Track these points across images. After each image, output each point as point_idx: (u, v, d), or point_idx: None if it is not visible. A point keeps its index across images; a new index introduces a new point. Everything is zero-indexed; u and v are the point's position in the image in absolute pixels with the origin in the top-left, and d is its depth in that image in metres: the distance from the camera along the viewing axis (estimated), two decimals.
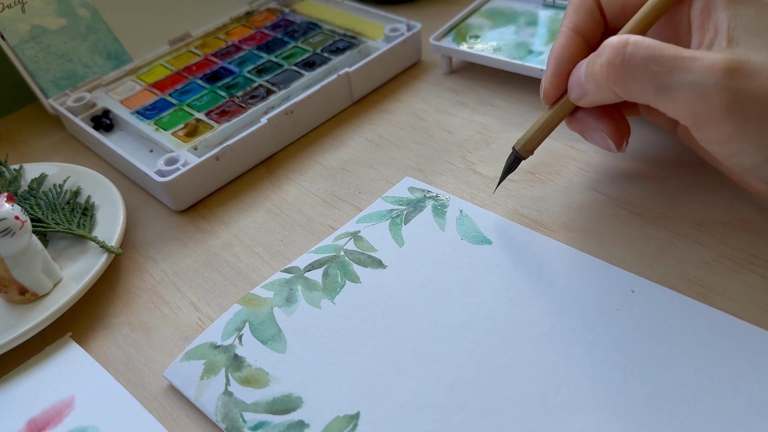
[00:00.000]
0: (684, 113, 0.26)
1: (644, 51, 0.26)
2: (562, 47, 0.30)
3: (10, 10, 0.45)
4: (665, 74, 0.25)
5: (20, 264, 0.32)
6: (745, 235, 0.32)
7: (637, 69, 0.26)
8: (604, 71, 0.27)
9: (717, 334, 0.27)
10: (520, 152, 0.32)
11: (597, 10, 0.31)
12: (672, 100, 0.26)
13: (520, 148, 0.32)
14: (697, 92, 0.25)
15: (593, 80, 0.28)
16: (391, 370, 0.28)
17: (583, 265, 0.31)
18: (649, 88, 0.26)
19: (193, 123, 0.43)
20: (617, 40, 0.26)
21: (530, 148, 0.32)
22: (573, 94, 0.30)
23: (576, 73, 0.29)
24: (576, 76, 0.29)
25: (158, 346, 0.32)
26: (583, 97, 0.29)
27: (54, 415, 0.29)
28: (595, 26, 0.31)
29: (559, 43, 0.31)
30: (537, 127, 0.32)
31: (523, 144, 0.32)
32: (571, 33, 0.31)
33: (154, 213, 0.40)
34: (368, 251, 0.34)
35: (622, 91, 0.27)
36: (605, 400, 0.26)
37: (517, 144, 0.32)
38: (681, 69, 0.25)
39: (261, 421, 0.27)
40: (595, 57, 0.27)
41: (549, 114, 0.31)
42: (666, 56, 0.25)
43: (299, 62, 0.48)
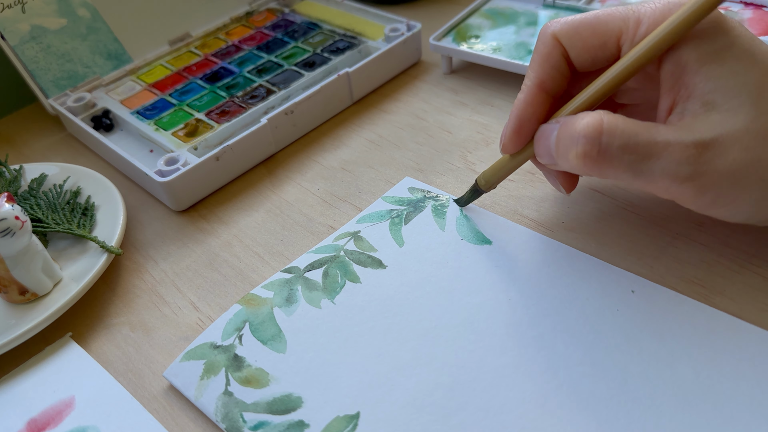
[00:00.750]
0: (661, 193, 0.26)
1: (619, 140, 0.25)
2: (525, 104, 0.29)
3: (10, 10, 0.45)
4: (640, 162, 0.25)
5: (20, 264, 0.32)
6: (745, 235, 0.32)
7: (614, 159, 0.25)
8: (580, 161, 0.26)
9: (717, 334, 0.27)
10: (482, 188, 0.33)
11: (563, 64, 0.30)
12: (647, 184, 0.26)
13: (483, 185, 0.33)
14: (670, 178, 0.25)
15: (567, 163, 0.27)
16: (391, 370, 0.28)
17: (583, 265, 0.31)
18: (626, 175, 0.26)
19: (193, 123, 0.43)
20: (592, 126, 0.25)
21: (492, 185, 0.33)
22: (542, 160, 0.29)
23: (543, 142, 0.28)
24: (544, 146, 0.28)
25: (158, 346, 0.32)
26: (553, 166, 0.29)
27: (54, 415, 0.29)
28: (561, 79, 0.30)
29: (521, 99, 0.30)
30: (499, 167, 0.32)
31: (485, 180, 0.33)
32: (534, 89, 0.29)
33: (154, 213, 0.40)
34: (368, 251, 0.34)
35: (598, 175, 0.27)
36: (605, 400, 0.26)
37: (480, 178, 0.33)
38: (654, 156, 0.25)
39: (261, 421, 0.27)
40: (569, 142, 0.26)
41: (512, 160, 0.31)
42: (640, 143, 0.25)
43: (299, 62, 0.48)
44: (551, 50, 0.29)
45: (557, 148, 0.27)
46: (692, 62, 0.26)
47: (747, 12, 0.43)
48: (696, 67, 0.26)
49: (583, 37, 0.29)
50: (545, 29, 0.30)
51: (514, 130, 0.30)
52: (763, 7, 0.44)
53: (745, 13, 0.43)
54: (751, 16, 0.43)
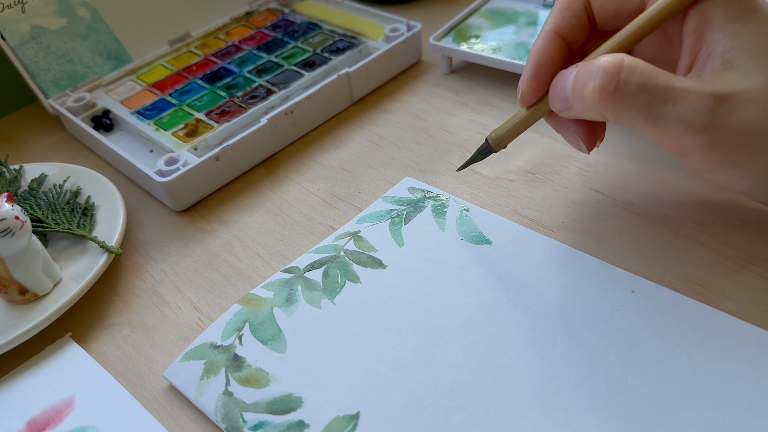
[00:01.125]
0: (669, 144, 0.26)
1: (638, 78, 0.25)
2: (542, 49, 0.29)
3: (10, 10, 0.45)
4: (656, 104, 0.25)
5: (20, 264, 0.32)
6: (745, 235, 0.32)
7: (630, 97, 0.25)
8: (596, 96, 0.26)
9: (717, 334, 0.27)
10: (493, 145, 0.32)
11: (584, 14, 0.29)
12: (659, 131, 0.25)
13: (493, 141, 0.31)
14: (684, 126, 0.25)
15: (582, 101, 0.27)
16: (391, 370, 0.28)
17: (583, 265, 0.31)
18: (639, 117, 0.25)
19: (193, 123, 0.43)
20: (612, 62, 0.25)
21: (503, 143, 0.32)
22: (555, 105, 0.28)
23: (560, 85, 0.28)
24: (560, 88, 0.28)
25: (158, 346, 0.32)
26: (566, 111, 0.28)
27: (54, 415, 0.29)
28: (579, 30, 0.30)
29: (539, 44, 0.29)
30: (513, 123, 0.31)
31: (496, 137, 0.31)
32: (552, 35, 0.29)
33: (154, 213, 0.40)
34: (368, 251, 0.34)
35: (611, 115, 0.26)
36: (605, 400, 0.26)
37: (490, 136, 0.32)
38: (671, 100, 0.25)
39: (261, 421, 0.27)
40: (586, 77, 0.26)
41: (526, 113, 0.30)
42: (659, 85, 0.25)
43: (299, 62, 0.48)
44: None
45: (574, 87, 0.27)
46: (718, 18, 0.26)
47: None
48: (721, 24, 0.25)
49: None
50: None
51: (532, 74, 0.29)
52: None
53: None
54: None
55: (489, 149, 0.32)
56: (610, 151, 0.38)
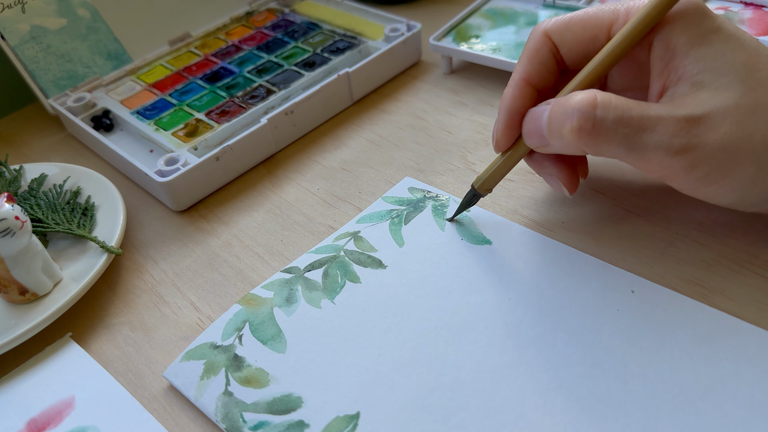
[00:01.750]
0: (654, 170, 0.27)
1: (613, 113, 0.26)
2: (513, 99, 0.30)
3: (10, 10, 0.45)
4: (633, 135, 0.26)
5: (20, 264, 0.32)
6: (745, 235, 0.31)
7: (608, 132, 0.26)
8: (575, 135, 0.26)
9: (717, 334, 0.27)
10: (479, 191, 0.33)
11: (552, 60, 0.30)
12: (641, 159, 0.26)
13: (478, 187, 0.33)
14: (663, 151, 0.25)
15: (560, 140, 0.27)
16: (391, 370, 0.28)
17: (583, 265, 0.31)
18: (620, 149, 0.26)
19: (193, 123, 0.43)
20: (586, 101, 0.26)
21: (489, 187, 0.33)
22: (532, 143, 0.29)
23: (534, 123, 0.29)
24: (534, 126, 0.28)
25: (158, 346, 0.32)
26: (543, 147, 0.29)
27: (54, 415, 0.29)
28: (548, 76, 0.30)
29: (509, 94, 0.30)
30: (494, 168, 0.32)
31: (481, 183, 0.32)
32: (522, 83, 0.30)
33: (154, 213, 0.40)
34: (368, 251, 0.34)
35: (591, 151, 0.27)
36: (605, 400, 0.26)
37: (476, 182, 0.33)
38: (648, 129, 0.25)
39: (261, 421, 0.27)
40: (563, 118, 0.27)
41: (505, 157, 0.31)
42: (634, 117, 0.26)
43: (299, 62, 0.48)
44: (540, 46, 0.30)
45: (549, 126, 0.27)
46: (681, 45, 0.26)
47: (747, 12, 0.43)
48: (685, 50, 0.26)
49: (574, 31, 0.29)
50: (537, 27, 0.31)
51: (505, 122, 0.30)
52: (763, 7, 0.44)
53: (745, 13, 0.43)
54: (751, 16, 0.43)
55: (476, 194, 0.33)
56: None
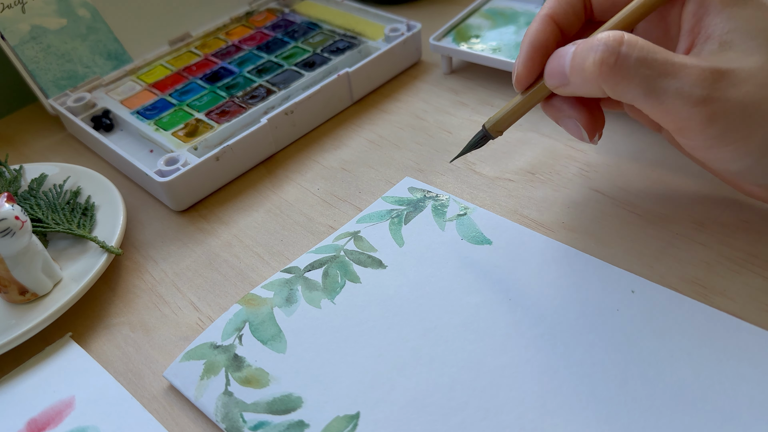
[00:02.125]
0: (669, 118, 0.26)
1: (638, 52, 0.25)
2: (538, 32, 0.29)
3: (10, 10, 0.45)
4: (655, 78, 0.25)
5: (20, 264, 0.32)
6: (745, 235, 0.32)
7: (630, 70, 0.25)
8: (596, 69, 0.26)
9: (717, 334, 0.27)
10: (490, 131, 0.31)
11: (580, 4, 0.30)
12: (659, 104, 0.26)
13: (490, 127, 0.31)
14: (683, 99, 0.25)
15: (581, 75, 0.27)
16: (391, 370, 0.28)
17: (583, 265, 0.31)
18: (638, 90, 0.26)
19: (193, 123, 0.43)
20: (612, 37, 0.26)
21: (500, 129, 0.31)
22: (552, 81, 0.28)
23: (557, 61, 0.28)
24: (557, 64, 0.28)
25: (158, 346, 0.32)
26: (563, 86, 0.28)
27: (54, 415, 0.29)
28: (574, 18, 0.30)
29: (534, 28, 0.29)
30: (509, 108, 0.31)
31: (493, 123, 0.31)
32: (547, 18, 0.29)
33: (154, 213, 0.40)
34: (368, 251, 0.34)
35: (610, 90, 0.26)
36: (605, 400, 0.26)
37: (487, 122, 0.31)
38: (670, 75, 0.25)
39: (261, 421, 0.27)
40: (587, 51, 0.26)
41: (523, 97, 0.30)
42: (658, 60, 0.25)
43: (299, 62, 0.48)
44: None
45: (573, 62, 0.27)
46: (716, 2, 0.26)
47: None
48: (719, 8, 0.26)
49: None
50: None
51: (528, 55, 0.29)
52: None
53: None
54: None
55: (486, 136, 0.32)
56: (610, 151, 0.38)
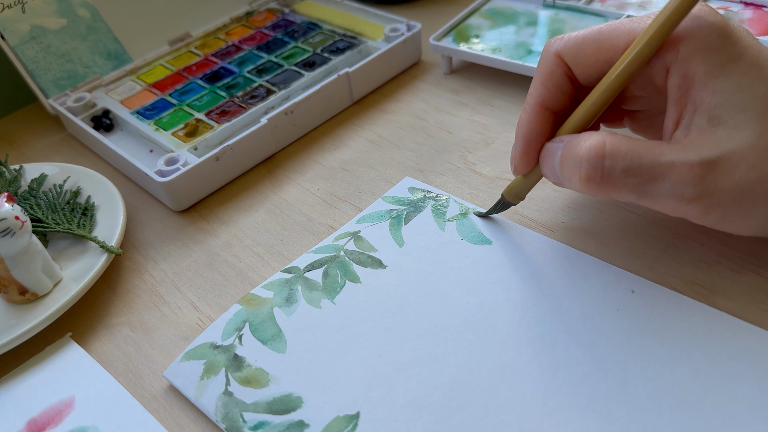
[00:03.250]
0: (668, 212, 0.26)
1: (622, 163, 0.25)
2: (530, 125, 0.29)
3: (10, 10, 0.45)
4: (644, 184, 0.25)
5: (20, 264, 0.32)
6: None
7: (617, 182, 0.25)
8: (584, 185, 0.26)
9: (717, 334, 0.27)
10: (509, 200, 0.32)
11: (566, 81, 0.29)
12: (654, 204, 0.26)
13: (511, 198, 0.32)
14: (676, 198, 0.25)
15: (572, 184, 0.27)
16: (391, 370, 0.28)
17: (583, 265, 0.31)
18: (631, 196, 0.26)
19: (193, 123, 0.43)
20: (594, 151, 0.25)
21: (522, 197, 0.32)
22: (549, 179, 0.29)
23: (548, 162, 0.28)
24: (549, 165, 0.28)
25: (158, 346, 0.32)
26: (560, 185, 0.29)
27: (54, 415, 0.29)
28: (564, 98, 0.29)
29: (526, 119, 0.29)
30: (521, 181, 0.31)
31: (512, 195, 0.32)
32: (538, 108, 0.29)
33: (154, 213, 0.40)
34: (368, 251, 0.34)
35: (603, 197, 0.27)
36: (605, 400, 0.26)
37: (505, 193, 0.32)
38: (659, 177, 0.25)
39: (261, 421, 0.27)
40: (572, 167, 0.26)
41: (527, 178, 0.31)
42: (644, 165, 0.25)
43: (299, 62, 0.48)
44: (554, 69, 0.29)
45: (562, 170, 0.27)
46: (700, 75, 0.25)
47: (747, 12, 0.43)
48: (703, 81, 0.25)
49: (588, 54, 0.28)
50: (548, 47, 0.29)
51: (523, 150, 0.30)
52: (763, 7, 0.44)
53: (745, 13, 0.43)
54: (751, 16, 0.43)
55: (506, 204, 0.33)
56: None
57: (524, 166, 0.30)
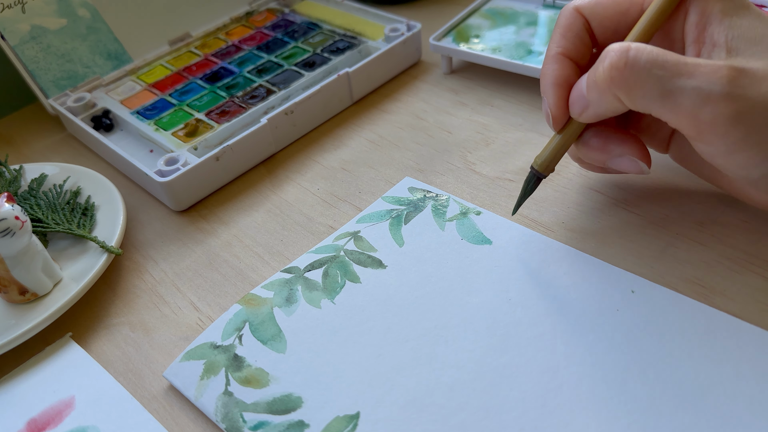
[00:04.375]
0: (688, 121, 0.25)
1: (647, 55, 0.25)
2: (555, 71, 0.29)
3: (10, 10, 0.45)
4: (669, 79, 0.25)
5: (20, 264, 0.32)
6: (745, 235, 0.31)
7: (641, 72, 0.25)
8: (608, 75, 0.26)
9: (717, 334, 0.27)
10: (540, 170, 0.31)
11: (585, 33, 0.30)
12: (676, 106, 0.25)
13: (539, 166, 0.31)
14: (702, 98, 0.24)
15: (596, 87, 0.27)
16: (391, 370, 0.28)
17: (583, 265, 0.31)
18: (653, 93, 0.25)
19: (193, 123, 0.43)
20: (619, 44, 0.26)
21: (552, 167, 0.31)
22: (575, 108, 0.29)
23: (576, 88, 0.28)
24: (577, 91, 0.28)
25: (158, 346, 0.32)
26: (585, 109, 0.28)
27: (54, 415, 0.29)
28: (584, 50, 0.30)
29: (551, 67, 0.30)
30: (553, 147, 0.30)
31: (542, 162, 0.31)
32: (561, 57, 0.30)
33: (154, 213, 0.40)
34: (368, 251, 0.34)
35: (626, 96, 0.26)
36: (605, 400, 0.26)
37: (535, 163, 0.31)
38: (685, 74, 0.25)
39: (261, 421, 0.27)
40: (598, 63, 0.27)
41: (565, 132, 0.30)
42: (669, 61, 0.25)
43: (299, 62, 0.48)
44: (573, 21, 0.30)
45: (588, 80, 0.27)
46: (716, 12, 0.27)
47: None
48: (720, 17, 0.27)
49: (605, 5, 0.29)
50: (567, 6, 0.31)
51: (556, 95, 0.29)
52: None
53: None
54: None
55: (539, 176, 0.31)
56: None
57: (562, 114, 0.29)
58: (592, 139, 0.30)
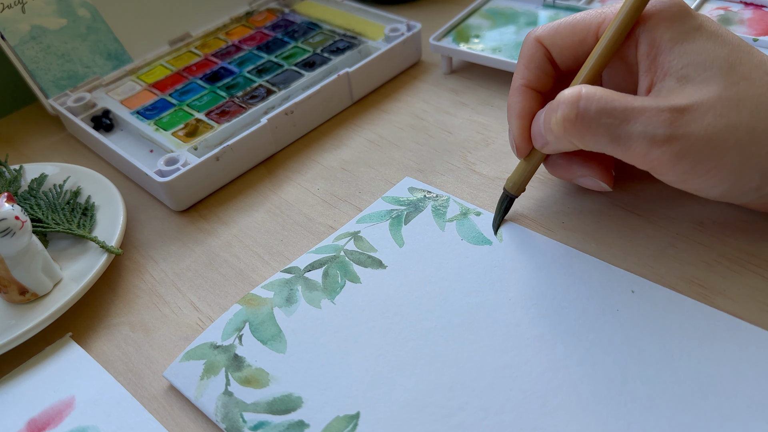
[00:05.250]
0: (640, 160, 0.27)
1: (596, 104, 0.26)
2: (519, 103, 0.31)
3: (10, 10, 0.45)
4: (618, 126, 0.26)
5: (20, 264, 0.32)
6: (745, 235, 0.32)
7: (592, 122, 0.27)
8: (561, 126, 0.27)
9: (717, 334, 0.27)
10: (512, 192, 0.33)
11: (547, 64, 0.31)
12: (626, 150, 0.27)
13: (510, 189, 0.33)
14: (648, 141, 0.26)
15: (551, 133, 0.28)
16: (391, 370, 0.28)
17: (583, 265, 0.31)
18: (604, 140, 0.27)
19: (193, 123, 0.43)
20: (570, 94, 0.27)
21: (522, 187, 0.33)
22: (536, 143, 0.31)
23: (536, 124, 0.30)
24: (536, 127, 0.30)
25: (158, 346, 0.32)
26: (545, 145, 0.30)
27: (54, 415, 0.29)
28: (546, 79, 0.32)
29: (515, 100, 0.31)
30: (521, 171, 0.32)
31: (513, 184, 0.33)
32: (523, 88, 0.31)
33: (154, 213, 0.40)
34: (368, 251, 0.34)
35: (579, 142, 0.28)
36: (605, 401, 0.26)
37: (507, 185, 0.33)
38: (631, 119, 0.26)
39: (261, 421, 0.27)
40: (551, 112, 0.28)
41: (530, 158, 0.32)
42: (617, 108, 0.26)
43: (299, 62, 0.48)
44: (534, 52, 0.31)
45: (544, 123, 0.29)
46: (665, 41, 0.27)
47: (747, 12, 0.43)
48: (669, 46, 0.27)
49: (563, 35, 0.31)
50: (528, 35, 0.32)
51: (519, 127, 0.31)
52: (763, 7, 0.44)
53: (745, 13, 0.43)
54: (751, 16, 0.43)
55: (510, 196, 0.33)
56: None
57: (525, 145, 0.32)
58: (558, 160, 0.32)
